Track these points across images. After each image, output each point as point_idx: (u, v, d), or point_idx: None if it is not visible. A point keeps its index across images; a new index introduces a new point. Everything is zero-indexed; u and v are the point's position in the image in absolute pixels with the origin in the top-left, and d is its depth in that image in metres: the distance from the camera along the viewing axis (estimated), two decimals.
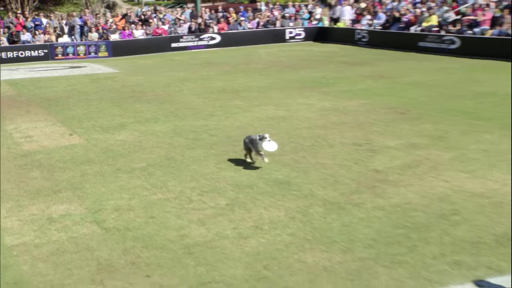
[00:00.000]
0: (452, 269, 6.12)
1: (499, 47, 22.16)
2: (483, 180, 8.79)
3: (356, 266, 6.26)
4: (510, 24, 23.08)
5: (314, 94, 16.56)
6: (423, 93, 16.21)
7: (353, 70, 21.15)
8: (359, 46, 28.76)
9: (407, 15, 28.65)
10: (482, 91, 15.88)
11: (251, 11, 33.96)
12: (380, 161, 9.98)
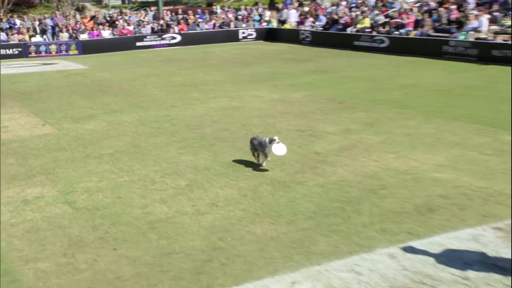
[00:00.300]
0: (379, 235, 6.27)
1: (421, 46, 22.62)
2: (406, 160, 8.99)
3: (299, 236, 6.35)
4: (430, 26, 23.60)
5: (264, 87, 16.56)
6: (357, 85, 16.40)
7: (298, 66, 21.24)
8: (303, 45, 28.87)
9: (344, 18, 28.92)
10: (407, 84, 16.16)
11: (208, 13, 33.65)
12: (321, 145, 10.08)
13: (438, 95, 14.34)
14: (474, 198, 7.27)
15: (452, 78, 16.99)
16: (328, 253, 5.88)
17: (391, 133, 10.66)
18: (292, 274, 5.47)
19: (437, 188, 7.67)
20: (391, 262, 5.65)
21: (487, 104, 12.99)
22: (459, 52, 20.96)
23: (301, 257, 5.82)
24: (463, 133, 10.39)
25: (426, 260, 5.65)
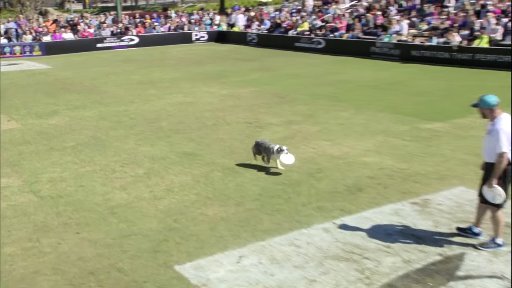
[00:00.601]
0: (316, 213, 6.40)
1: (352, 47, 23.01)
2: (340, 146, 9.17)
3: (246, 215, 6.39)
4: (360, 29, 24.06)
5: (215, 84, 16.47)
6: (297, 82, 16.54)
7: (245, 65, 21.22)
8: (250, 46, 28.82)
9: (286, 21, 29.08)
10: (341, 80, 16.42)
11: (164, 17, 33.08)
12: (266, 134, 10.11)
13: (367, 89, 14.65)
14: (395, 178, 7.50)
15: (378, 75, 17.37)
16: (272, 230, 5.96)
17: (327, 123, 10.82)
18: (240, 249, 5.52)
19: (365, 170, 7.87)
20: (325, 236, 5.78)
21: (407, 97, 13.39)
22: (384, 52, 21.44)
23: (248, 234, 5.87)
24: (387, 123, 10.68)
25: (355, 233, 5.82)
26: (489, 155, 5.22)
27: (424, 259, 5.20)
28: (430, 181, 7.32)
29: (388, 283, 4.81)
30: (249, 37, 29.60)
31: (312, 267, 5.12)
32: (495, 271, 4.92)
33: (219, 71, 19.55)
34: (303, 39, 26.02)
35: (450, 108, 11.88)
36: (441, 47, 19.53)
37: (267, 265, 5.18)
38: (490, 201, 5.21)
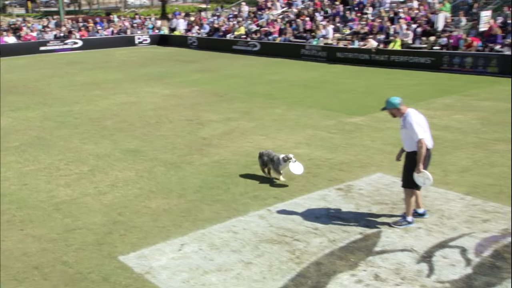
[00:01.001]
0: (252, 201, 6.45)
1: (285, 49, 23.31)
2: (274, 140, 9.28)
3: (188, 206, 6.35)
4: (291, 33, 24.43)
5: (158, 85, 16.17)
6: (235, 81, 16.56)
7: (186, 66, 20.97)
8: (191, 48, 28.53)
9: (224, 26, 29.01)
10: (275, 79, 16.59)
11: (106, 21, 32.03)
12: (206, 131, 10.09)
13: (298, 88, 14.90)
14: (323, 167, 7.69)
15: (308, 75, 17.72)
16: (212, 219, 5.95)
17: (262, 119, 10.92)
18: (181, 238, 5.48)
19: None
20: (260, 222, 5.85)
21: (333, 94, 13.75)
22: (313, 54, 21.90)
23: (189, 224, 5.83)
24: (316, 118, 10.92)
25: (287, 218, 5.93)
26: (409, 146, 5.46)
27: (347, 238, 5.38)
28: (353, 169, 7.58)
29: (315, 261, 4.94)
30: (189, 40, 29.28)
31: (248, 251, 5.17)
32: (406, 245, 5.17)
33: (161, 72, 19.21)
34: (240, 42, 26.08)
35: (369, 103, 12.30)
36: (362, 49, 20.19)
37: (207, 251, 5.17)
38: (421, 185, 5.45)
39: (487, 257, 4.88)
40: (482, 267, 4.69)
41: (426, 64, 18.06)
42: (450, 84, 14.87)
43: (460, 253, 4.98)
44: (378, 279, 4.57)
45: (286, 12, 28.72)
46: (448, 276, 4.56)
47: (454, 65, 17.41)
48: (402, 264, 4.81)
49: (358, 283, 4.53)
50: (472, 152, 8.18)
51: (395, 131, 9.46)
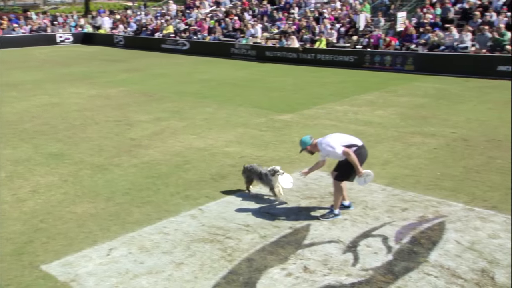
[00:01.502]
0: (184, 201, 6.37)
1: (215, 48, 23.28)
2: (205, 139, 9.23)
3: (116, 210, 6.15)
4: (220, 32, 24.44)
5: (82, 85, 15.52)
6: (164, 81, 16.29)
7: (113, 66, 20.32)
8: (117, 47, 27.69)
9: (152, 24, 28.41)
10: (204, 78, 16.53)
11: (23, 19, 30.19)
12: (135, 132, 9.84)
13: (228, 87, 14.95)
14: None
15: (238, 73, 17.82)
16: (141, 221, 5.82)
17: (193, 118, 10.82)
18: (109, 243, 5.30)
19: (227, 159, 8.04)
20: (192, 221, 5.80)
21: (263, 92, 13.94)
22: (243, 53, 22.07)
23: (118, 227, 5.66)
24: (246, 116, 11.01)
25: (219, 216, 5.92)
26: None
27: (277, 233, 5.48)
28: (283, 165, 7.58)
29: (247, 257, 4.98)
30: (116, 39, 28.40)
31: (179, 251, 5.11)
32: (333, 236, 5.36)
33: (86, 72, 18.48)
34: (168, 41, 25.68)
35: (298, 101, 12.63)
36: (290, 48, 20.61)
37: (136, 254, 5.05)
38: (362, 184, 5.72)
39: (406, 243, 5.17)
40: (401, 253, 4.96)
41: (350, 62, 18.80)
42: (372, 81, 15.59)
43: (382, 241, 5.23)
44: (307, 271, 4.70)
45: (214, 11, 28.67)
46: (371, 264, 4.78)
47: (375, 63, 18.27)
48: (330, 255, 4.97)
49: (288, 276, 4.63)
50: (392, 146, 8.63)
51: (323, 127, 9.81)
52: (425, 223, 5.61)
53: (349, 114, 11.09)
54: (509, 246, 5.00)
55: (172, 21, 27.95)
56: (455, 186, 6.69)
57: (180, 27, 26.96)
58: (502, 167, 7.39)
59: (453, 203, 6.13)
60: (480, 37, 17.08)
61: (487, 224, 5.52)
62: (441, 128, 9.64)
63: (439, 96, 12.89)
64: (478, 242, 5.11)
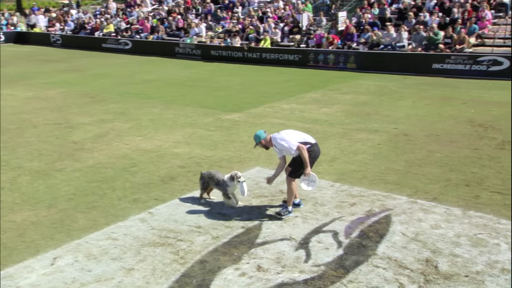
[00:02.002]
0: (132, 205, 6.20)
1: (159, 47, 22.83)
2: (152, 140, 9.04)
3: (59, 216, 5.89)
4: (163, 31, 24.04)
5: (18, 86, 14.74)
6: (107, 81, 15.79)
7: (51, 66, 19.45)
8: (54, 47, 26.52)
9: (91, 23, 27.45)
10: (149, 78, 16.18)
11: None
12: (77, 134, 9.46)
13: (174, 86, 14.72)
14: (203, 165, 7.67)
15: (184, 73, 17.60)
16: (88, 227, 5.60)
17: (138, 119, 10.56)
18: (53, 251, 5.06)
19: (176, 160, 7.91)
20: (142, 225, 5.65)
21: (210, 92, 13.84)
22: (188, 53, 21.82)
23: (62, 235, 5.42)
24: (194, 116, 10.89)
25: (169, 218, 5.82)
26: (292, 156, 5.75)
27: (230, 233, 5.45)
28: (232, 165, 7.69)
29: (200, 259, 4.92)
30: (52, 38, 27.22)
31: (129, 256, 4.96)
32: (285, 234, 5.41)
33: (21, 72, 17.57)
34: (110, 40, 24.94)
35: (245, 100, 12.65)
36: (235, 47, 20.61)
37: (83, 262, 4.85)
38: (305, 189, 5.75)
39: (355, 237, 5.30)
40: (351, 248, 5.09)
41: (295, 61, 19.07)
42: (317, 80, 15.90)
43: (333, 236, 5.34)
44: (261, 270, 4.71)
45: (156, 9, 28.15)
46: (323, 259, 4.87)
47: (319, 62, 18.66)
48: (282, 253, 5.01)
49: (241, 276, 4.61)
50: (339, 142, 8.84)
51: (271, 125, 9.87)
52: (373, 217, 5.78)
53: (296, 112, 11.25)
54: (450, 236, 5.25)
55: (113, 20, 27.16)
56: (398, 180, 6.95)
57: (121, 26, 26.24)
58: (441, 160, 7.77)
59: (397, 196, 6.37)
60: (415, 36, 17.86)
61: (429, 215, 5.78)
62: (384, 124, 9.99)
63: (380, 93, 13.36)
64: (421, 233, 5.34)
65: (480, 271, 4.55)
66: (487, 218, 5.64)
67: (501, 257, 4.77)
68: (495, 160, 7.72)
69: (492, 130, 9.45)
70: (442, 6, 19.23)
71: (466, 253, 4.87)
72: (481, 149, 8.31)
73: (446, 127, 9.70)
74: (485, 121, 10.12)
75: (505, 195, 6.29)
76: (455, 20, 17.74)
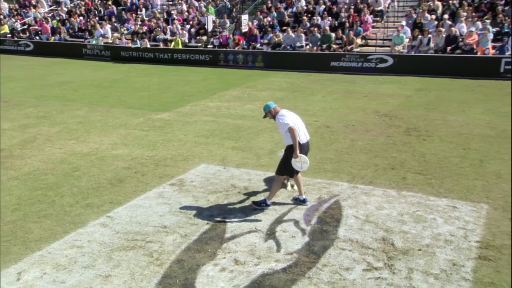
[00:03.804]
0: (87, 210, 5.71)
1: (65, 49, 21.10)
2: (86, 143, 8.38)
3: (10, 229, 5.22)
4: (65, 32, 22.30)
5: None
6: (16, 84, 14.23)
7: None
8: None
9: None
10: (62, 81, 14.93)
11: None
12: (1, 141, 8.39)
13: (92, 88, 13.74)
14: (148, 165, 7.31)
15: (97, 74, 16.50)
16: (46, 237, 5.04)
17: (65, 123, 9.70)
18: (15, 266, 4.48)
19: (119, 162, 7.41)
20: (104, 230, 5.22)
21: (131, 92, 13.16)
22: (96, 54, 20.50)
23: (20, 248, 4.81)
24: (123, 117, 10.27)
25: (131, 221, 5.45)
26: (286, 141, 5.63)
27: (197, 230, 5.26)
28: (178, 163, 7.42)
29: (176, 259, 4.69)
30: None
31: (102, 263, 4.56)
32: (251, 226, 5.33)
33: None
34: (8, 41, 22.47)
35: (169, 99, 12.24)
36: (146, 48, 19.80)
37: (53, 274, 4.35)
38: (299, 170, 5.61)
39: (315, 224, 5.42)
40: (315, 234, 5.20)
41: (206, 61, 18.88)
42: (231, 78, 15.91)
43: (294, 224, 5.41)
44: (239, 263, 4.62)
45: (55, 10, 25.93)
46: (293, 247, 4.91)
47: (229, 61, 18.69)
48: (254, 245, 4.96)
49: (222, 271, 4.49)
50: (271, 136, 8.93)
51: (204, 123, 9.69)
52: (324, 204, 5.96)
53: (222, 109, 11.15)
54: (395, 215, 5.61)
55: (7, 21, 24.45)
56: (335, 168, 7.24)
57: (17, 27, 23.74)
58: (364, 148, 8.25)
59: (339, 182, 6.64)
60: (311, 37, 18.69)
61: (371, 198, 6.11)
62: (305, 118, 10.18)
63: (293, 90, 13.77)
64: (370, 215, 5.63)
65: (429, 244, 4.93)
66: (418, 197, 6.12)
67: (441, 230, 5.22)
68: (407, 145, 8.39)
69: (396, 119, 10.24)
70: (331, 10, 20.34)
71: (412, 229, 5.25)
72: (393, 136, 8.98)
73: (358, 118, 10.29)
74: (387, 111, 10.92)
75: (425, 175, 6.88)
76: (343, 23, 18.89)
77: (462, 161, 7.41)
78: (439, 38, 16.05)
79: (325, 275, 4.40)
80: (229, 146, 8.24)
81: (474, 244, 4.89)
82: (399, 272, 4.43)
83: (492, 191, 6.25)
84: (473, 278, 4.30)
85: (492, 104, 11.14)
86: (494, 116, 10.10)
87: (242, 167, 7.18)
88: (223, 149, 8.05)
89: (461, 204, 5.84)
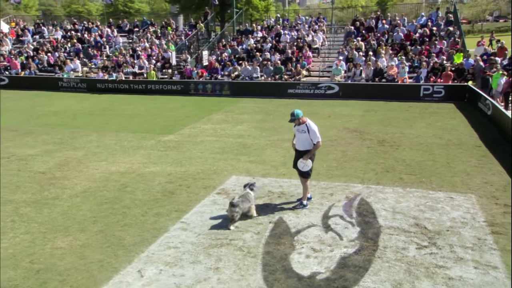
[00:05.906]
0: (160, 218, 5.76)
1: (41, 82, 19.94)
2: (118, 163, 8.23)
3: (101, 237, 5.14)
4: (35, 67, 21.09)
5: None
6: (13, 115, 13.26)
7: None
8: None
9: None
10: (55, 110, 14.17)
11: None
12: (37, 165, 8.04)
13: (87, 116, 13.27)
14: (187, 179, 7.36)
15: (83, 104, 15.86)
16: (140, 242, 5.07)
17: (85, 147, 9.39)
18: (132, 266, 4.49)
19: (159, 178, 7.40)
20: (187, 233, 5.34)
21: (126, 119, 12.85)
22: (73, 86, 19.66)
23: (123, 252, 4.85)
24: (134, 140, 10.11)
25: (204, 224, 5.59)
26: (303, 146, 6.00)
27: (266, 228, 5.52)
28: (210, 176, 7.55)
29: (264, 251, 4.92)
30: None
31: (205, 258, 4.70)
32: (308, 222, 5.68)
33: None
34: None
35: (164, 123, 12.17)
36: (121, 80, 19.37)
37: (168, 270, 4.44)
38: (300, 169, 5.96)
39: (356, 217, 5.89)
40: (362, 224, 5.67)
41: (178, 90, 18.92)
42: (207, 104, 16.06)
43: (341, 218, 5.84)
44: (317, 251, 4.96)
45: (20, 47, 24.39)
46: (352, 236, 5.33)
47: (199, 90, 18.89)
48: (319, 236, 5.32)
49: (308, 258, 4.80)
50: (275, 151, 9.32)
51: (210, 142, 9.87)
52: (354, 201, 6.46)
53: (218, 130, 11.35)
54: (412, 206, 6.24)
55: None
56: (343, 173, 7.79)
57: None
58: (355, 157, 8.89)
59: (354, 184, 7.20)
60: (265, 69, 19.54)
61: (387, 195, 6.72)
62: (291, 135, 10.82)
63: (266, 112, 14.22)
64: (395, 207, 6.21)
65: (451, 225, 5.62)
66: (420, 192, 6.85)
67: (453, 215, 5.93)
68: (387, 153, 9.21)
69: (365, 134, 11.06)
70: (277, 47, 21.42)
71: (432, 216, 5.92)
72: (372, 146, 9.76)
73: (335, 134, 10.95)
74: (354, 127, 11.75)
75: (415, 175, 7.67)
76: (290, 58, 20.00)
77: (434, 164, 8.33)
78: (368, 70, 17.68)
79: (390, 255, 4.88)
80: (245, 160, 8.50)
81: (483, 223, 5.65)
82: (443, 247, 5.03)
83: (469, 184, 7.15)
84: (498, 248, 5.01)
85: (428, 120, 12.38)
86: (435, 129, 11.29)
87: (268, 177, 7.49)
88: (242, 163, 8.29)
89: (455, 195, 6.65)
